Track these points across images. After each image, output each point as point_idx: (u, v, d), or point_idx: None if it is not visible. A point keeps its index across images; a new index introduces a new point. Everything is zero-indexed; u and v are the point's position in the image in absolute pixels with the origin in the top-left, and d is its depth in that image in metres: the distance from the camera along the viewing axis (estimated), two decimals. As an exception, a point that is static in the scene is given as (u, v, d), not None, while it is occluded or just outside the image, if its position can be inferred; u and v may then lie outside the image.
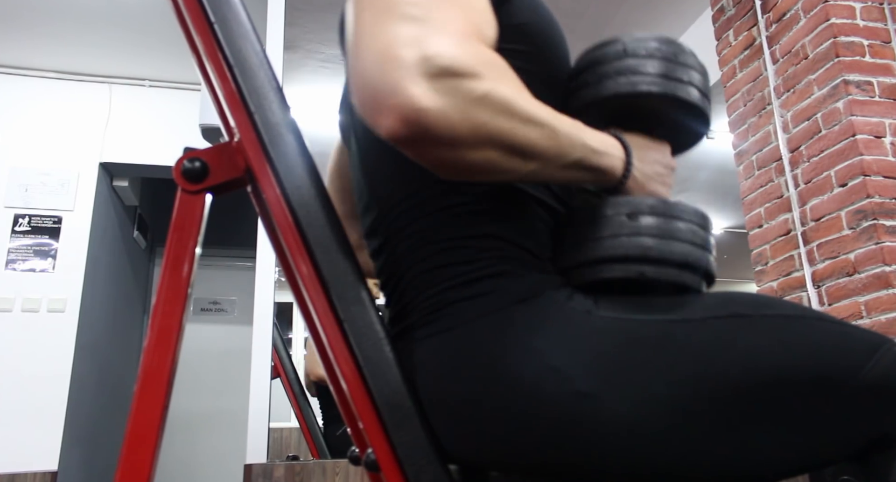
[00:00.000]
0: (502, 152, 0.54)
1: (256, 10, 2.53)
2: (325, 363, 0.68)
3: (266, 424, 2.23)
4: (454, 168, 0.54)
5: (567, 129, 0.58)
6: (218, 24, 0.63)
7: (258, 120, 0.62)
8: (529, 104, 0.55)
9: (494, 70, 0.53)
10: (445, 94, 0.49)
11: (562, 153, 0.58)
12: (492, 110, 0.51)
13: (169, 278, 0.61)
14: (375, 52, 0.50)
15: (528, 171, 0.57)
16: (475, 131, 0.51)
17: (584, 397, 0.56)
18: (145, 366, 0.59)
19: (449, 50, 0.50)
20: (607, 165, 0.62)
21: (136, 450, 0.56)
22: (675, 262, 0.62)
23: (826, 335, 0.60)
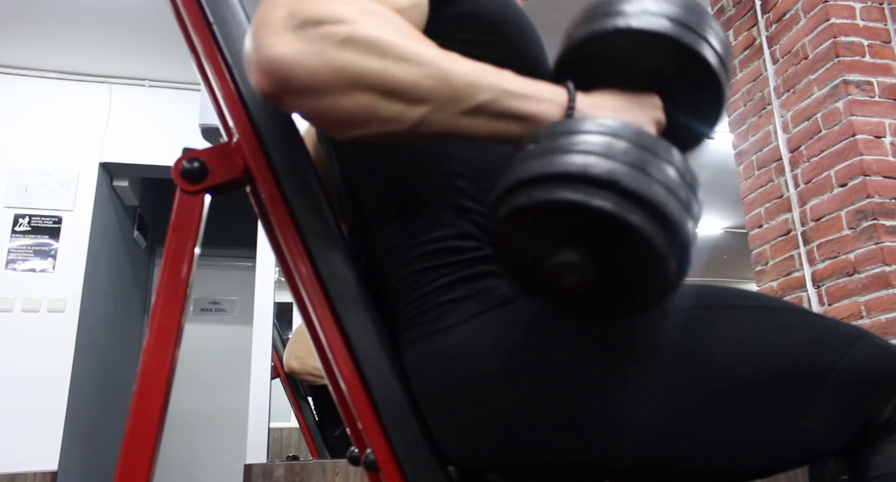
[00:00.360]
0: (376, 95, 0.49)
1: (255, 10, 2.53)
2: (324, 363, 0.68)
3: (266, 424, 2.23)
4: (330, 119, 0.50)
5: (464, 69, 0.51)
6: (217, 24, 0.63)
7: (257, 120, 0.62)
8: (408, 42, 0.50)
9: (366, 16, 0.49)
10: (305, 40, 0.47)
11: (457, 95, 0.50)
12: (355, 50, 0.48)
13: (168, 278, 0.61)
14: (256, 24, 0.49)
15: (418, 117, 0.50)
16: (338, 73, 0.47)
17: (581, 395, 0.56)
18: (145, 366, 0.59)
19: (317, 4, 0.48)
20: (533, 111, 0.53)
21: (135, 449, 0.56)
22: (623, 189, 0.45)
23: (805, 327, 0.60)
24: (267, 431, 2.24)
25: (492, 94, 0.52)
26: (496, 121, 0.53)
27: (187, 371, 4.06)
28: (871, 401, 0.58)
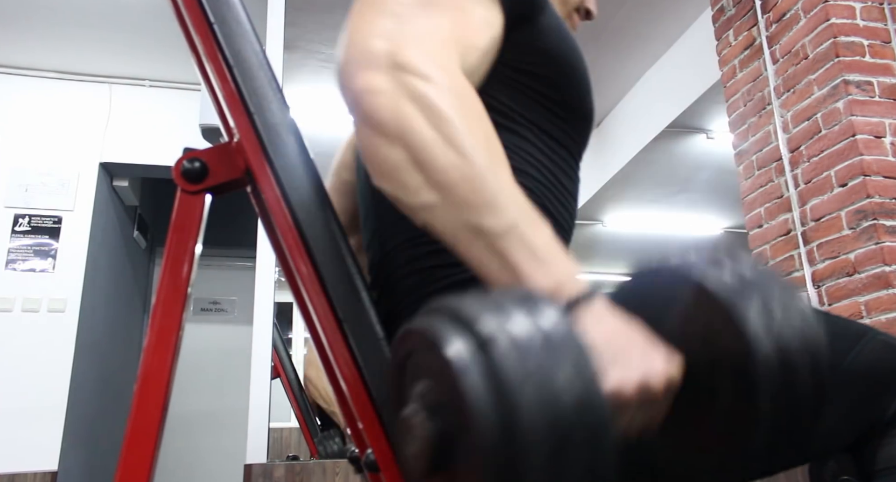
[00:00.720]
0: (409, 158, 0.49)
1: (256, 10, 2.53)
2: (325, 363, 0.68)
3: (266, 424, 2.23)
4: (369, 157, 0.52)
5: (497, 186, 0.49)
6: (217, 24, 0.63)
7: (258, 120, 0.62)
8: (467, 131, 0.49)
9: (452, 86, 0.51)
10: (390, 82, 0.50)
11: (472, 203, 0.48)
12: (421, 110, 0.49)
13: (168, 278, 0.61)
14: (354, 43, 0.53)
15: (428, 201, 0.50)
16: (395, 120, 0.49)
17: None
18: (145, 367, 0.59)
19: (415, 51, 0.51)
20: (530, 275, 0.47)
21: (135, 450, 0.56)
22: None
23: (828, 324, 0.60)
24: (267, 431, 2.24)
25: (506, 226, 0.48)
26: (491, 255, 0.49)
27: (187, 371, 4.05)
28: (877, 398, 0.59)
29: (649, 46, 3.69)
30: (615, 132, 4.41)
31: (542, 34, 0.67)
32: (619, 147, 4.37)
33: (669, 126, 3.84)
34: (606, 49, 3.67)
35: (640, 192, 4.89)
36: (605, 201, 5.00)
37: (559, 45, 0.68)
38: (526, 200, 0.50)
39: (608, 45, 3.63)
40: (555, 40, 0.68)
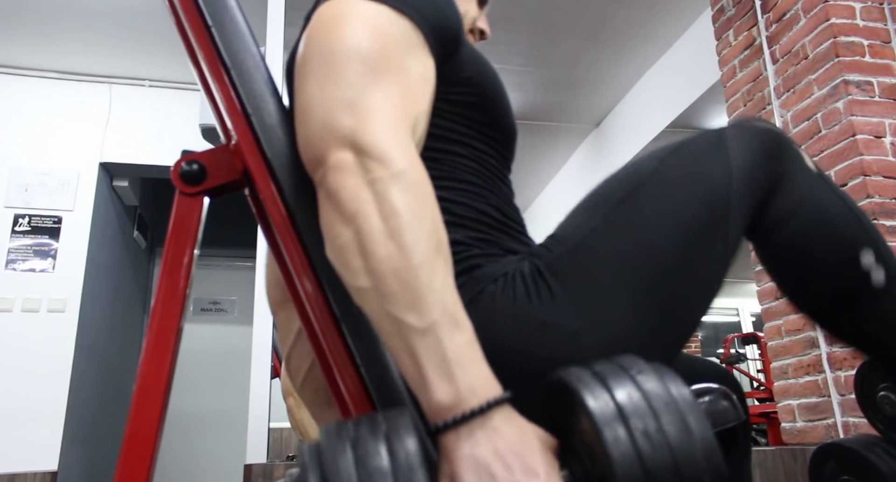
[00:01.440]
0: (356, 242, 0.52)
1: (256, 11, 2.53)
2: (322, 363, 0.68)
3: (266, 424, 2.23)
4: (326, 229, 0.56)
5: (430, 287, 0.51)
6: (215, 27, 0.63)
7: (255, 123, 0.62)
8: (413, 224, 0.52)
9: (406, 172, 0.54)
10: (354, 165, 0.54)
11: (395, 298, 0.51)
12: (375, 199, 0.53)
13: (167, 280, 0.61)
14: (318, 118, 0.58)
15: (361, 285, 0.52)
16: (352, 204, 0.53)
17: (577, 334, 0.62)
18: (144, 367, 0.59)
19: (376, 131, 0.56)
20: (435, 379, 0.49)
21: (135, 450, 0.56)
22: None
23: (684, 161, 0.69)
24: (267, 431, 2.24)
25: (424, 327, 0.50)
26: (405, 353, 0.51)
27: (187, 371, 4.06)
28: (770, 170, 0.70)
29: (649, 46, 3.69)
30: (615, 132, 4.41)
31: (465, 66, 0.74)
32: (619, 147, 4.37)
33: (669, 126, 3.84)
34: (606, 49, 3.67)
35: (640, 191, 4.88)
36: (605, 201, 5.00)
37: (480, 74, 0.76)
38: (454, 300, 0.52)
39: (608, 46, 3.63)
40: (476, 70, 0.75)
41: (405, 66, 0.63)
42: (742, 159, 0.68)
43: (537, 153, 4.79)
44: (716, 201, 0.66)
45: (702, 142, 0.70)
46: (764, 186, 0.70)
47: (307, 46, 0.64)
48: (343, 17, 0.64)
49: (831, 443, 1.11)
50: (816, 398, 2.24)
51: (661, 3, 3.32)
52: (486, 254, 0.70)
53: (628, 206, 0.66)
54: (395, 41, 0.64)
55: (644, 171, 0.69)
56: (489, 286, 0.66)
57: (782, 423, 2.41)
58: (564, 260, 0.65)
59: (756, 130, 0.71)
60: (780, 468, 2.10)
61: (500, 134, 0.78)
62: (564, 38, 3.52)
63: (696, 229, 0.65)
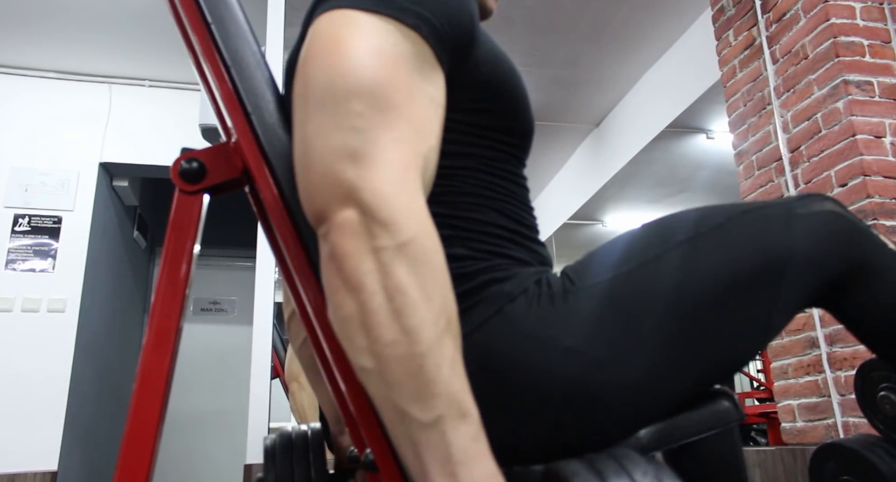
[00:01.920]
0: (359, 317, 0.49)
1: (256, 10, 2.53)
2: (322, 363, 0.68)
3: (266, 424, 2.23)
4: (329, 291, 0.52)
5: (436, 379, 0.48)
6: (215, 24, 0.63)
7: (255, 120, 0.62)
8: (420, 302, 0.49)
9: (416, 235, 0.50)
10: (358, 227, 0.50)
11: (399, 386, 0.48)
12: (379, 272, 0.49)
13: (167, 279, 0.61)
14: (319, 169, 0.53)
15: (364, 365, 0.49)
16: (355, 274, 0.49)
17: (601, 363, 0.61)
18: (144, 367, 0.59)
19: (381, 187, 0.50)
20: (437, 476, 0.47)
21: (134, 450, 0.56)
22: None
23: (750, 224, 0.69)
24: (267, 431, 2.23)
25: (429, 420, 0.47)
26: (408, 444, 0.48)
27: (187, 371, 4.06)
28: (834, 253, 0.70)
29: (649, 46, 3.69)
30: (615, 132, 4.41)
31: (479, 67, 0.69)
32: (619, 147, 4.37)
33: (669, 126, 3.84)
34: (606, 49, 3.67)
35: (640, 192, 4.89)
36: (605, 201, 5.01)
37: (495, 73, 0.71)
38: (461, 388, 0.49)
39: (608, 46, 3.63)
40: (491, 70, 0.70)
41: (414, 94, 0.57)
42: (808, 241, 0.69)
43: (537, 153, 4.79)
44: (770, 272, 0.67)
45: (772, 212, 0.71)
46: (833, 270, 0.71)
47: (305, 77, 0.58)
48: (343, 39, 0.57)
49: (831, 443, 1.10)
50: (816, 398, 2.24)
51: (661, 3, 3.32)
52: (494, 266, 0.68)
53: (686, 250, 0.66)
54: (402, 65, 0.57)
55: (709, 222, 0.69)
56: (507, 305, 0.65)
57: (782, 423, 2.40)
58: (604, 288, 0.65)
59: (826, 214, 0.72)
60: (780, 468, 2.10)
61: (515, 137, 0.75)
62: (564, 38, 3.52)
63: (742, 295, 0.66)
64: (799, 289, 0.69)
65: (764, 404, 3.67)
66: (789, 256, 0.68)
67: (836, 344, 2.14)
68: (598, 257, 0.69)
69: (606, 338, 0.62)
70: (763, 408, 3.53)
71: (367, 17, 0.58)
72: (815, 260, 0.69)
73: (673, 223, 0.70)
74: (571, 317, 0.63)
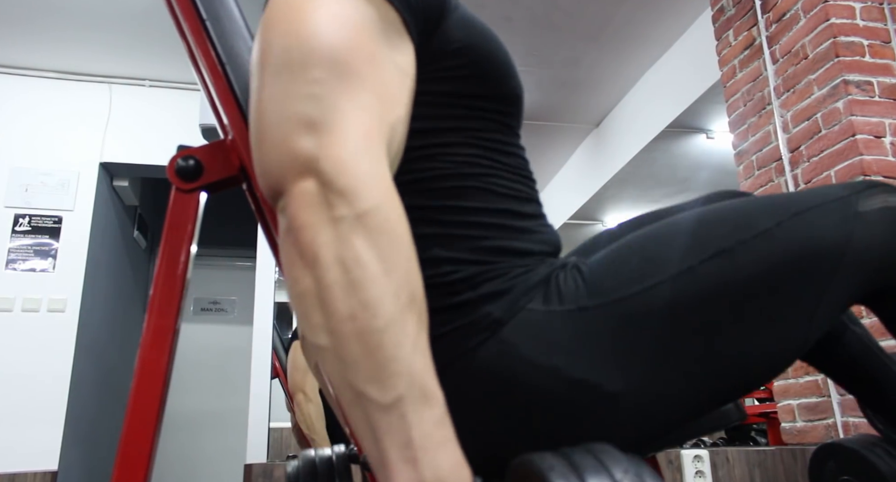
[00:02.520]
0: (315, 292, 0.46)
1: (253, 7, 2.53)
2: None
3: (266, 424, 2.23)
4: (287, 274, 0.48)
5: (392, 351, 0.44)
6: (210, 21, 0.63)
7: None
8: (380, 274, 0.45)
9: (376, 205, 0.47)
10: (316, 198, 0.47)
11: (356, 366, 0.44)
12: (336, 243, 0.45)
13: (164, 277, 0.60)
14: (275, 140, 0.49)
15: (320, 343, 0.46)
16: (311, 247, 0.46)
17: (615, 397, 0.57)
18: (141, 366, 0.58)
19: (341, 157, 0.47)
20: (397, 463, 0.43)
21: (132, 449, 0.56)
22: None
23: (804, 228, 0.61)
24: (267, 431, 2.24)
25: (388, 402, 0.44)
26: (366, 427, 0.44)
27: (188, 371, 4.06)
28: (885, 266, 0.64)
29: (649, 46, 3.69)
30: (615, 132, 4.41)
31: (452, 35, 0.64)
32: (619, 147, 4.37)
33: (669, 126, 3.84)
34: (606, 49, 3.66)
35: (640, 192, 4.88)
36: (605, 201, 5.00)
37: (472, 39, 0.66)
38: (423, 368, 0.45)
39: (608, 45, 3.63)
40: (465, 36, 0.65)
41: (379, 61, 0.54)
42: (864, 241, 0.62)
43: (537, 153, 4.79)
44: (816, 280, 0.60)
45: (829, 209, 0.63)
46: (887, 272, 0.65)
47: (260, 44, 0.54)
48: (303, 4, 0.53)
49: (831, 443, 1.10)
50: (816, 398, 2.24)
51: (661, 3, 3.32)
52: (483, 272, 0.61)
53: (723, 262, 0.58)
54: (365, 30, 0.54)
55: (753, 226, 0.60)
56: (502, 330, 0.59)
57: (782, 423, 2.40)
58: (626, 308, 0.58)
59: (889, 211, 0.65)
60: (780, 468, 2.09)
61: (501, 103, 0.68)
62: (564, 38, 3.51)
63: (784, 304, 0.60)
64: (843, 292, 0.62)
65: (764, 404, 3.66)
66: (840, 259, 0.61)
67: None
68: (619, 261, 0.61)
69: (625, 369, 0.57)
70: (763, 408, 3.53)
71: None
72: (867, 261, 0.63)
73: (708, 225, 0.62)
74: (584, 343, 0.57)
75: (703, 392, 0.59)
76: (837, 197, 0.64)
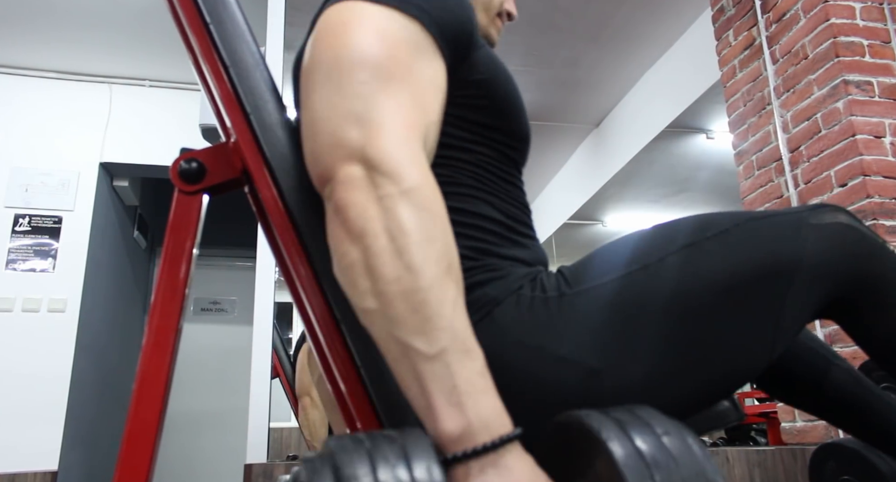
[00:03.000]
0: (363, 261, 0.50)
1: (256, 10, 2.53)
2: (323, 364, 0.68)
3: (266, 424, 2.23)
4: (334, 247, 0.53)
5: (439, 313, 0.49)
6: (213, 24, 0.63)
7: (254, 120, 0.62)
8: (422, 243, 0.50)
9: (419, 189, 0.52)
10: (363, 180, 0.52)
11: (403, 321, 0.49)
12: (383, 216, 0.50)
13: (166, 279, 0.61)
14: (326, 131, 0.56)
15: (368, 306, 0.50)
16: (359, 221, 0.51)
17: (597, 373, 0.61)
18: (143, 366, 0.59)
19: (385, 144, 0.53)
20: (444, 408, 0.47)
21: (134, 449, 0.56)
22: None
23: (758, 232, 0.67)
24: (267, 431, 2.24)
25: (433, 353, 0.48)
26: (413, 378, 0.48)
27: (187, 371, 4.06)
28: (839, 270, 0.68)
29: (649, 46, 3.69)
30: (615, 132, 4.41)
31: (477, 68, 0.71)
32: (619, 147, 4.37)
33: (669, 126, 3.84)
34: (606, 49, 3.67)
35: (640, 191, 4.89)
36: (605, 201, 5.00)
37: (494, 77, 0.73)
38: (464, 326, 0.50)
39: (608, 45, 3.63)
40: (489, 72, 0.73)
41: (415, 73, 0.60)
42: (819, 251, 0.67)
43: (537, 153, 4.79)
44: (775, 281, 0.65)
45: (782, 220, 0.69)
46: (843, 284, 0.69)
47: (312, 55, 0.61)
48: (349, 22, 0.61)
49: (831, 442, 1.11)
50: (816, 398, 2.24)
51: (661, 3, 3.32)
52: (482, 266, 0.68)
53: (687, 255, 0.65)
54: (404, 46, 0.61)
55: (714, 226, 0.67)
56: (495, 309, 0.64)
57: (782, 423, 2.40)
58: (601, 293, 0.64)
59: (839, 226, 0.70)
60: (779, 468, 2.10)
61: (510, 138, 0.76)
62: (564, 38, 3.52)
63: (746, 301, 0.65)
64: (805, 300, 0.67)
65: (764, 404, 3.66)
66: (797, 266, 0.66)
67: (836, 343, 2.14)
68: (596, 260, 0.68)
69: (602, 347, 0.62)
70: (763, 408, 3.53)
71: (372, 6, 0.62)
72: (824, 272, 0.67)
73: (675, 228, 0.69)
74: (565, 324, 0.63)
75: (673, 378, 0.63)
76: (791, 212, 0.71)
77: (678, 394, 0.64)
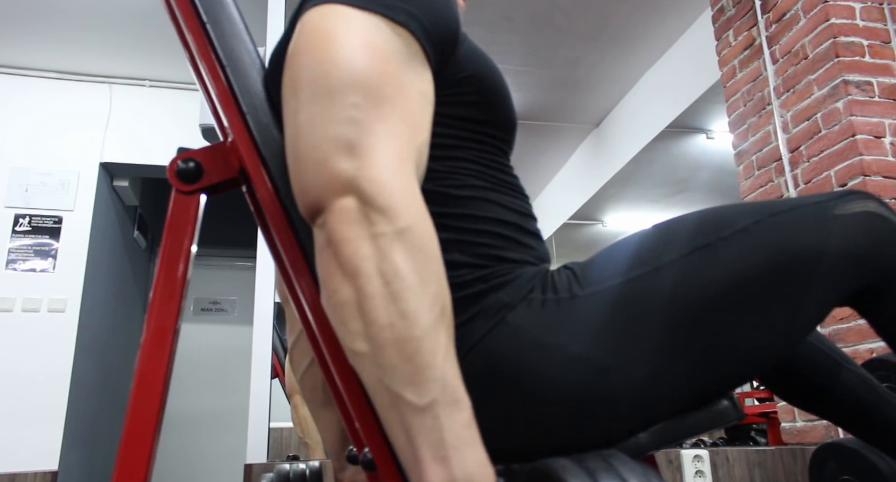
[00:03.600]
0: (355, 302, 0.49)
1: (256, 10, 2.53)
2: (321, 362, 0.68)
3: (266, 424, 2.23)
4: (324, 280, 0.52)
5: (429, 358, 0.48)
6: (210, 24, 0.63)
7: (251, 120, 0.62)
8: (417, 287, 0.49)
9: (413, 222, 0.51)
10: (357, 214, 0.50)
11: (394, 370, 0.48)
12: (376, 256, 0.49)
13: (164, 278, 0.61)
14: (317, 160, 0.53)
15: (359, 349, 0.49)
16: (353, 260, 0.49)
17: (607, 371, 0.61)
18: (141, 366, 0.59)
19: (378, 176, 0.51)
20: (429, 461, 0.47)
21: (133, 449, 0.56)
22: None
23: (781, 228, 0.66)
24: (267, 431, 2.24)
25: (423, 405, 0.47)
26: (401, 429, 0.48)
27: (188, 371, 4.06)
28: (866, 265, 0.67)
29: (649, 46, 3.69)
30: (615, 132, 4.41)
31: (462, 65, 0.70)
32: (619, 147, 4.37)
33: (669, 126, 3.84)
34: (606, 49, 3.66)
35: (640, 191, 4.88)
36: (605, 201, 5.00)
37: (479, 71, 0.71)
38: (454, 375, 0.49)
39: (608, 45, 3.63)
40: (474, 67, 0.71)
41: (406, 88, 0.58)
42: (843, 245, 0.66)
43: (537, 153, 4.79)
44: (798, 279, 0.64)
45: (806, 213, 0.67)
46: (867, 276, 0.68)
47: (297, 69, 0.57)
48: (334, 34, 0.57)
49: (831, 442, 1.11)
50: (816, 398, 2.24)
51: (661, 3, 3.32)
52: (492, 273, 0.67)
53: (705, 256, 0.64)
54: (393, 60, 0.58)
55: (733, 223, 0.66)
56: (509, 315, 0.64)
57: (782, 423, 2.40)
58: (614, 293, 0.63)
59: (866, 215, 0.68)
60: (779, 468, 2.10)
61: (499, 129, 0.75)
62: (564, 38, 3.51)
63: (765, 299, 0.64)
64: (826, 294, 0.66)
65: (764, 404, 3.66)
66: (819, 262, 0.64)
67: (836, 343, 2.14)
68: (608, 259, 0.68)
69: (614, 345, 0.62)
70: (763, 408, 3.53)
71: (357, 12, 0.58)
72: (848, 265, 0.66)
73: (691, 225, 0.67)
74: (578, 324, 0.63)
75: (683, 375, 0.63)
76: (814, 202, 0.69)
77: (688, 390, 0.64)
